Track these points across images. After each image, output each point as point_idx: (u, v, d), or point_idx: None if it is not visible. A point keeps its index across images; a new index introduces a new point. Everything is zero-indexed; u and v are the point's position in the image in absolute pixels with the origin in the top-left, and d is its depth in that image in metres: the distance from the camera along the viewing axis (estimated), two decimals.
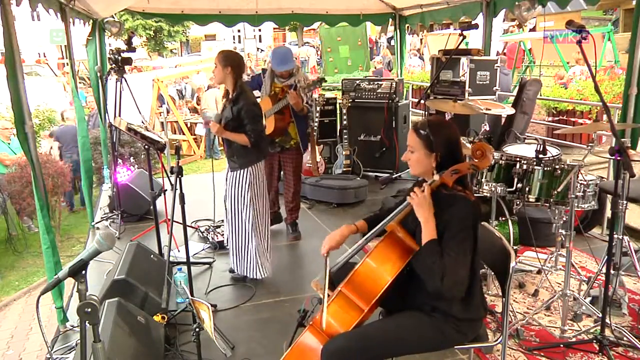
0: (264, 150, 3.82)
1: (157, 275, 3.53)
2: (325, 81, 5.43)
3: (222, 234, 4.63)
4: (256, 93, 4.61)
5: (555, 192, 3.24)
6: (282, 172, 4.88)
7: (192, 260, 3.87)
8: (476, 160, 2.18)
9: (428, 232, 2.06)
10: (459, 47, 4.70)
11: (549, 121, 7.92)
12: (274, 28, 34.44)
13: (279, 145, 4.63)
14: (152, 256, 3.83)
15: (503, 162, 3.42)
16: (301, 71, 4.68)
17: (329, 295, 2.21)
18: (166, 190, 4.31)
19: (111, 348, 2.44)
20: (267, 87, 4.51)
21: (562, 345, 3.00)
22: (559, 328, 3.18)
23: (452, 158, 2.14)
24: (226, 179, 3.80)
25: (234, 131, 3.61)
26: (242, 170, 3.69)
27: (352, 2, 6.83)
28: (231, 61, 3.58)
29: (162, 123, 10.36)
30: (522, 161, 3.35)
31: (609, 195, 3.78)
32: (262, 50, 26.30)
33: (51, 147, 8.05)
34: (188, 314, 3.31)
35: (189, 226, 4.31)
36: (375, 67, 15.57)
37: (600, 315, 3.00)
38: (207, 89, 11.86)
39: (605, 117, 5.18)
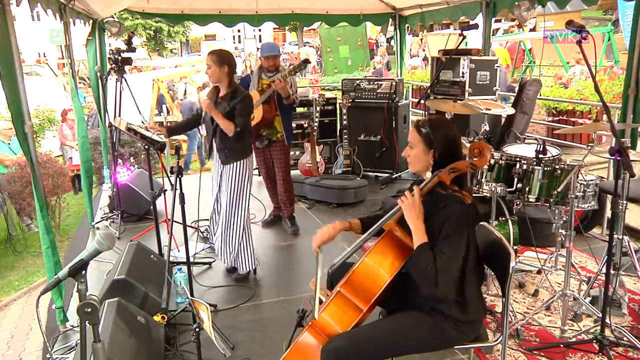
0: (250, 145, 3.95)
1: (157, 275, 3.53)
2: (309, 62, 5.51)
3: None
4: None
5: (555, 192, 3.24)
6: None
7: (192, 260, 3.87)
8: (474, 159, 2.18)
9: (418, 237, 2.06)
10: (459, 47, 4.71)
11: (549, 121, 7.93)
12: (274, 28, 34.42)
13: (266, 138, 4.71)
14: (152, 256, 3.83)
15: (503, 162, 3.41)
16: (287, 68, 4.77)
17: (327, 296, 2.21)
18: (166, 190, 4.30)
19: (111, 348, 2.44)
20: (255, 83, 4.64)
21: (562, 345, 3.00)
22: (559, 328, 3.18)
23: (450, 156, 2.14)
24: (219, 174, 3.82)
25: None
26: (238, 163, 3.74)
27: (352, 2, 6.83)
28: (227, 60, 3.68)
29: (160, 123, 10.33)
30: (522, 161, 3.35)
31: (609, 195, 3.78)
32: None
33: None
34: (188, 314, 3.30)
35: (189, 226, 4.31)
36: (374, 67, 15.58)
37: (600, 315, 3.00)
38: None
39: (605, 117, 5.18)
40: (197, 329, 2.53)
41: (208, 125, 3.81)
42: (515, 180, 3.34)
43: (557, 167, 3.24)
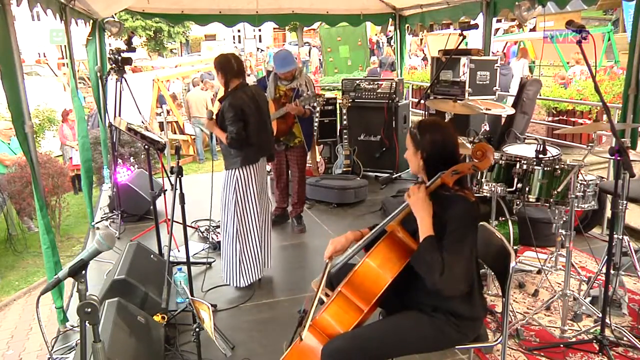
0: (248, 154, 3.66)
1: (157, 275, 3.53)
2: (321, 97, 5.56)
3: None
4: None
5: (555, 192, 3.24)
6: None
7: (192, 260, 3.87)
8: (477, 161, 2.19)
9: (425, 230, 2.06)
10: (459, 47, 4.70)
11: (549, 121, 7.92)
12: (274, 28, 34.42)
13: (283, 143, 4.74)
14: (152, 256, 3.83)
15: (503, 162, 3.41)
16: (303, 73, 4.77)
17: (328, 296, 2.21)
18: (166, 190, 4.31)
19: (111, 348, 2.44)
20: (271, 91, 4.61)
21: (562, 345, 3.01)
22: (559, 328, 3.18)
23: (440, 159, 2.14)
24: None
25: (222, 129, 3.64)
26: (229, 171, 3.69)
27: (352, 2, 6.83)
28: (221, 67, 3.64)
29: (160, 123, 10.34)
30: (522, 161, 3.35)
31: (609, 195, 3.78)
32: (262, 50, 26.30)
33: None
34: (188, 314, 3.31)
35: (189, 226, 4.31)
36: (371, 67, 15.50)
37: (600, 315, 3.00)
38: (194, 86, 11.80)
39: (605, 117, 5.18)
40: (197, 329, 2.53)
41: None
42: (515, 180, 3.34)
43: (557, 167, 3.24)
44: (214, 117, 3.71)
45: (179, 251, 4.38)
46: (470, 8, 5.76)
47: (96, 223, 5.34)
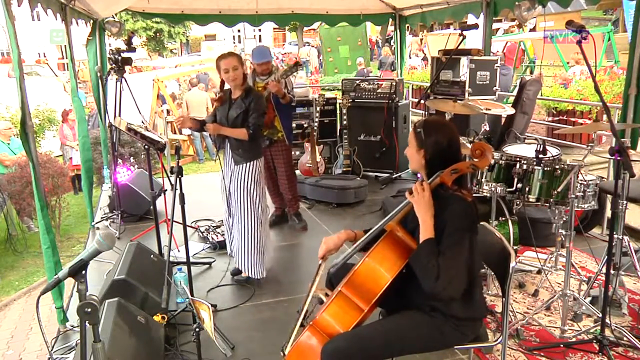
0: (260, 146, 3.93)
1: (157, 275, 3.53)
2: (301, 65, 5.46)
3: (223, 234, 4.63)
4: None
5: (555, 192, 3.24)
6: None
7: (192, 260, 3.86)
8: (475, 160, 2.19)
9: (425, 232, 2.06)
10: (459, 47, 4.71)
11: (549, 121, 7.93)
12: (274, 28, 34.42)
13: (267, 138, 4.72)
14: (152, 256, 3.83)
15: (503, 162, 3.41)
16: (280, 70, 4.79)
17: (328, 296, 2.21)
18: (166, 190, 4.31)
19: (111, 348, 2.44)
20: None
21: (562, 345, 3.00)
22: (559, 328, 3.18)
23: (442, 159, 2.15)
24: (230, 175, 3.80)
25: (242, 125, 3.65)
26: (250, 164, 3.72)
27: (352, 2, 6.84)
28: (242, 62, 3.72)
29: (168, 123, 10.33)
30: (522, 161, 3.35)
31: (609, 195, 3.78)
32: None
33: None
34: (188, 314, 3.31)
35: (189, 226, 4.31)
36: (357, 69, 15.46)
37: (600, 315, 3.00)
38: (192, 87, 11.80)
39: (605, 117, 5.18)
40: (197, 329, 2.53)
41: (223, 125, 3.77)
42: (515, 180, 3.34)
43: (557, 167, 3.24)
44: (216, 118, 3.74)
45: (179, 251, 4.38)
46: (471, 8, 5.76)
47: (96, 223, 5.34)
